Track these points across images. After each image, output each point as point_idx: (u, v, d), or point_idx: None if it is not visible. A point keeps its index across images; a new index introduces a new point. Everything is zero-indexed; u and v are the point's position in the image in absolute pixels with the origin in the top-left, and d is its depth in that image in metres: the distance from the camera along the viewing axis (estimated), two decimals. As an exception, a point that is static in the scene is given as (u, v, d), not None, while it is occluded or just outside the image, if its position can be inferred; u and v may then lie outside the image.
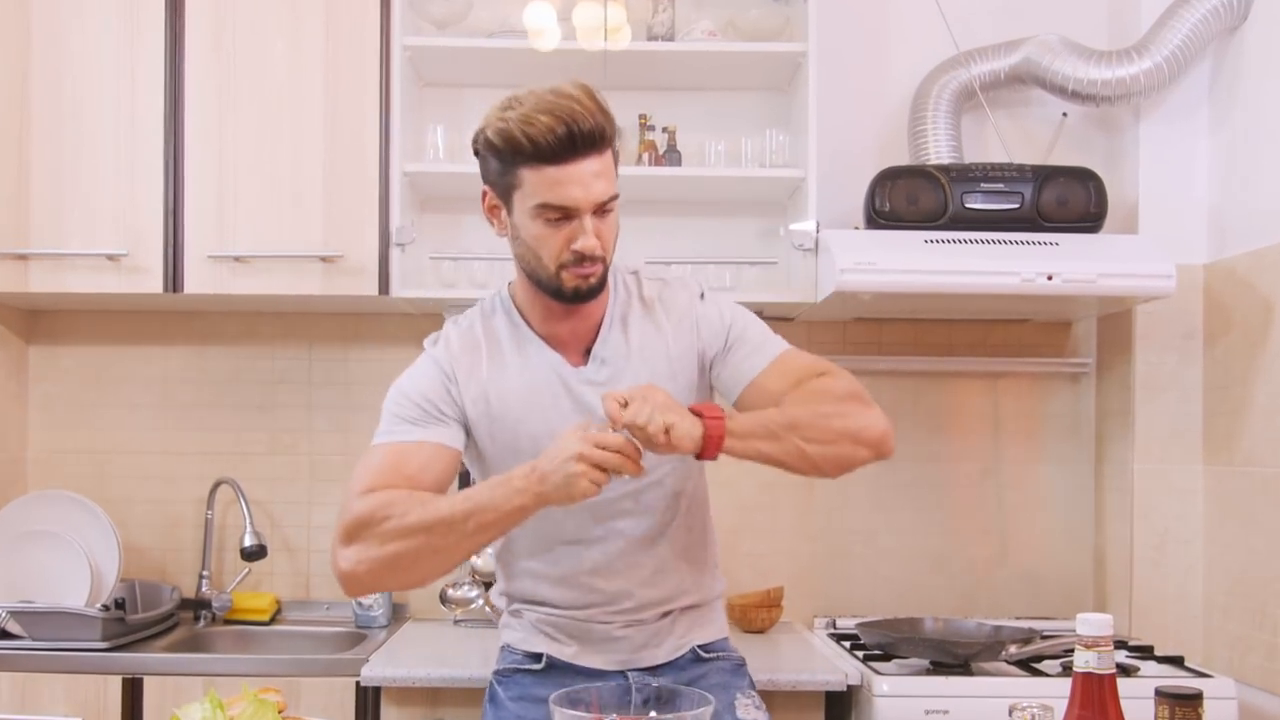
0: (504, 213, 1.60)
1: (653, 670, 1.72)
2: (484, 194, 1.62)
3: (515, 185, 1.55)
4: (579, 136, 1.49)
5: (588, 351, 1.67)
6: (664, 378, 1.64)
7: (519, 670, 1.74)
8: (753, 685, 1.81)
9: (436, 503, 1.49)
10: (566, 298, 1.60)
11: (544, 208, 1.53)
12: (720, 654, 1.78)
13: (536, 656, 1.73)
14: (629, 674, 1.71)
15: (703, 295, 1.72)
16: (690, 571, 1.74)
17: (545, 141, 1.48)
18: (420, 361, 1.68)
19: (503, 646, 1.81)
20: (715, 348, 1.68)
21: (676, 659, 1.74)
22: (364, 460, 1.58)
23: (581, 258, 1.55)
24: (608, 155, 1.55)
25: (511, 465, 1.50)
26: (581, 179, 1.51)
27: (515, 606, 1.78)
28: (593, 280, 1.58)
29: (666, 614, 1.73)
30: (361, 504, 1.50)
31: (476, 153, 1.60)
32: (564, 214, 1.53)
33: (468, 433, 1.65)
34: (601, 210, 1.55)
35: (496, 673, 1.78)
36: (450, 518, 1.46)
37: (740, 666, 1.81)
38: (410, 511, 1.47)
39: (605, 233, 1.57)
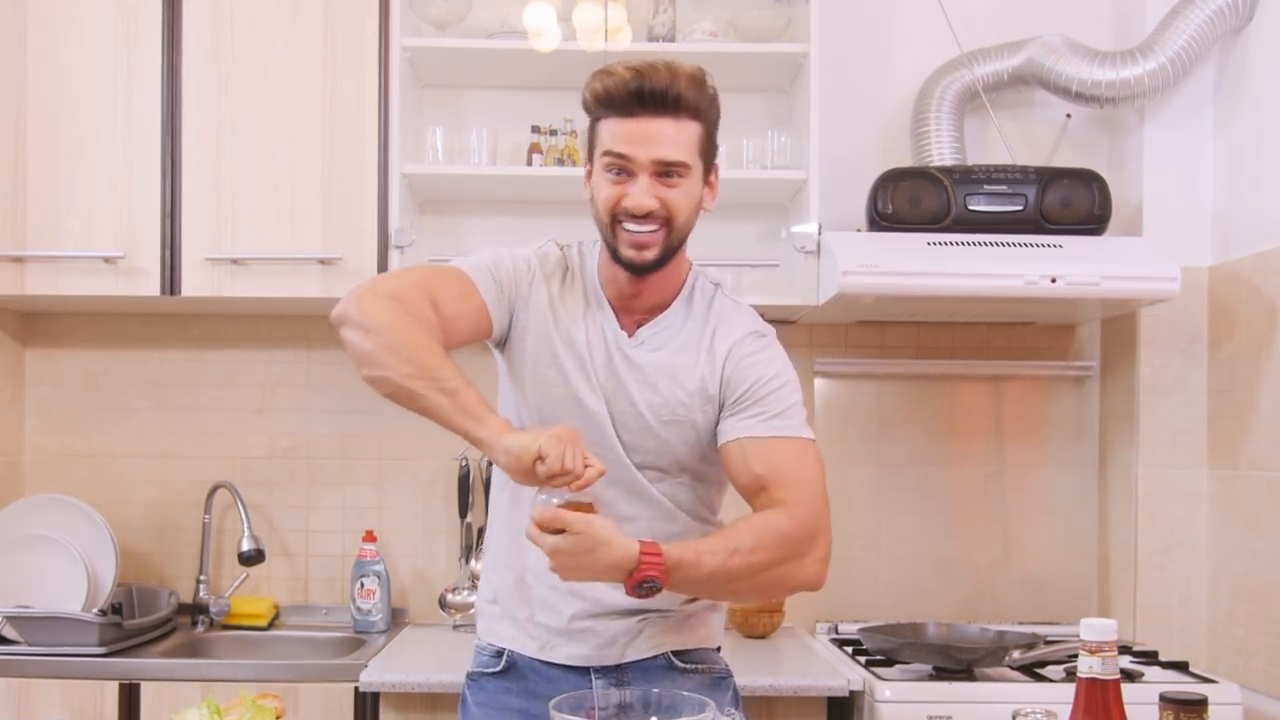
0: (592, 180, 1.63)
1: (618, 671, 1.65)
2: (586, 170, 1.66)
3: (595, 143, 1.60)
4: (648, 92, 1.52)
5: (639, 325, 1.67)
6: (685, 393, 1.63)
7: (484, 674, 1.71)
8: (737, 701, 1.73)
9: (440, 351, 1.51)
10: (623, 264, 1.60)
11: (606, 155, 1.57)
12: (698, 665, 1.70)
13: (498, 654, 1.70)
14: (593, 679, 1.65)
15: (757, 337, 1.68)
16: None
17: (616, 91, 1.54)
18: (527, 250, 1.70)
19: (476, 644, 1.78)
20: (730, 394, 1.64)
21: (647, 663, 1.66)
22: (435, 265, 1.63)
23: (630, 214, 1.55)
24: (686, 123, 1.55)
25: (522, 368, 1.64)
26: (645, 134, 1.54)
27: (491, 594, 1.74)
28: (647, 255, 1.58)
29: (638, 617, 1.66)
30: (399, 283, 1.57)
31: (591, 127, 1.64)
32: (622, 164, 1.55)
33: (508, 328, 1.66)
34: (664, 173, 1.55)
35: (469, 674, 1.76)
36: (438, 367, 1.48)
37: (722, 680, 1.73)
38: (419, 331, 1.51)
39: (669, 199, 1.56)
